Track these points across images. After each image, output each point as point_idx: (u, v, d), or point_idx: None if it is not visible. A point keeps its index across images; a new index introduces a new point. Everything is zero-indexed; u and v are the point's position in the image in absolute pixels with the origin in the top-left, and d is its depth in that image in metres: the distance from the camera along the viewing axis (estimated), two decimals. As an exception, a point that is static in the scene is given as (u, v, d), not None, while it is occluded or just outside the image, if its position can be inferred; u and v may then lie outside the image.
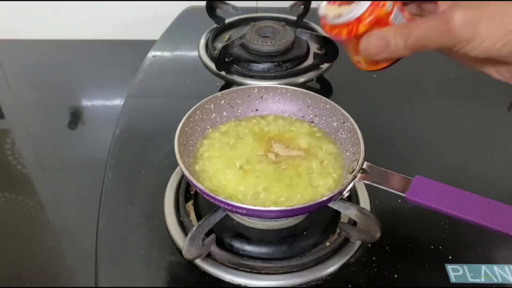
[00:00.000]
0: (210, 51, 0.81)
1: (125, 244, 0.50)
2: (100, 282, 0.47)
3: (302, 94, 0.57)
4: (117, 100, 0.88)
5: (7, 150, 0.77)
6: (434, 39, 0.37)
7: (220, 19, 0.86)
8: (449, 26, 0.36)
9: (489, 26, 0.35)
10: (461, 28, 0.35)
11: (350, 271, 0.48)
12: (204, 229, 0.46)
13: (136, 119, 0.69)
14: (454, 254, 0.49)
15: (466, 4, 0.36)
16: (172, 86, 0.77)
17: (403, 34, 0.37)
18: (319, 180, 0.49)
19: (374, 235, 0.46)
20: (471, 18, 0.35)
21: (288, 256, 0.49)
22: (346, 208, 0.48)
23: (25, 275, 0.58)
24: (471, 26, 0.35)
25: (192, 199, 0.55)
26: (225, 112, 0.57)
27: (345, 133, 0.53)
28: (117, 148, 0.63)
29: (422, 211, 0.47)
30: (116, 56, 1.02)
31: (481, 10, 0.35)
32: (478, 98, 0.73)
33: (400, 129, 0.68)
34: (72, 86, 0.93)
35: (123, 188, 0.57)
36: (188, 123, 0.52)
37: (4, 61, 1.00)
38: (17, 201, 0.68)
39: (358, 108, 0.54)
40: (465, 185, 0.45)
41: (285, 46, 0.78)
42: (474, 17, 0.35)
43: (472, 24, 0.35)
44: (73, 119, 0.85)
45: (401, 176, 0.46)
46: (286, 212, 0.44)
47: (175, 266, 0.48)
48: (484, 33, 0.36)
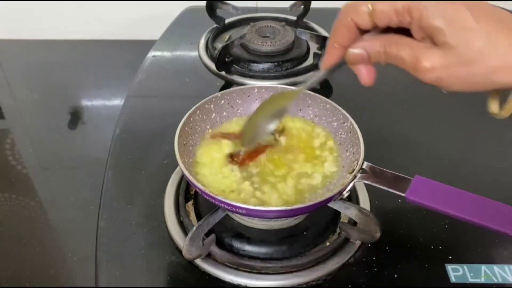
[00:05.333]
0: (210, 51, 0.81)
1: (125, 244, 0.50)
2: (100, 282, 0.47)
3: (302, 94, 0.57)
4: (117, 100, 0.88)
5: (7, 150, 0.77)
6: (406, 65, 0.37)
7: (220, 19, 0.86)
8: (417, 66, 0.36)
9: (454, 80, 0.36)
10: (427, 75, 0.36)
11: (350, 271, 0.48)
12: (204, 229, 0.46)
13: (136, 119, 0.69)
14: (454, 254, 0.49)
15: (441, 53, 0.35)
16: (172, 86, 0.77)
17: (385, 45, 0.37)
18: (318, 179, 0.50)
19: (374, 235, 0.46)
20: (438, 74, 0.35)
21: (288, 256, 0.49)
22: (346, 208, 0.48)
23: (25, 275, 0.58)
24: (436, 79, 0.36)
25: (192, 199, 0.55)
26: (225, 112, 0.57)
27: (345, 133, 0.53)
28: (117, 148, 0.63)
29: (422, 211, 0.47)
30: (116, 56, 1.02)
31: (453, 59, 0.35)
32: (478, 98, 0.72)
33: (400, 129, 0.68)
34: (72, 86, 0.93)
35: (123, 188, 0.57)
36: (188, 123, 0.52)
37: (4, 61, 1.00)
38: (17, 201, 0.68)
39: (358, 108, 0.54)
40: (465, 185, 0.45)
41: (285, 46, 0.78)
42: (442, 72, 0.35)
43: (437, 76, 0.35)
44: (73, 119, 0.85)
45: (401, 176, 0.46)
46: (286, 212, 0.44)
47: (175, 266, 0.48)
48: (448, 86, 0.36)
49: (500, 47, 0.34)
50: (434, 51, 0.35)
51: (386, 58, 0.38)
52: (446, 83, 0.36)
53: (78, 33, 1.03)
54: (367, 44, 0.38)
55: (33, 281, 0.58)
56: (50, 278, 0.58)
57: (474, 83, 0.36)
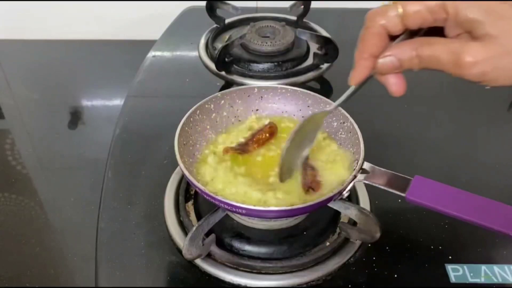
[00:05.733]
0: (210, 51, 0.81)
1: (125, 244, 0.50)
2: (100, 282, 0.47)
3: (302, 94, 0.57)
4: (117, 100, 0.88)
5: (7, 150, 0.77)
6: (444, 65, 0.35)
7: (220, 19, 0.86)
8: (459, 62, 0.34)
9: (500, 72, 0.34)
10: (470, 69, 0.34)
11: (350, 271, 0.48)
12: (204, 229, 0.46)
13: (136, 119, 0.69)
14: (454, 254, 0.49)
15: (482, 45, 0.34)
16: (172, 86, 0.77)
17: (416, 48, 0.36)
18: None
19: (374, 235, 0.46)
20: (483, 67, 0.34)
21: (288, 256, 0.49)
22: (346, 208, 0.48)
23: (25, 275, 0.58)
24: (481, 74, 0.34)
25: (192, 199, 0.55)
26: (225, 112, 0.57)
27: (345, 133, 0.53)
28: (117, 148, 0.63)
29: (422, 211, 0.47)
30: (116, 56, 1.02)
31: (497, 50, 0.33)
32: (478, 98, 0.73)
33: (400, 129, 0.68)
34: (72, 86, 0.93)
35: (123, 188, 0.57)
36: (188, 123, 0.52)
37: (4, 61, 1.00)
38: (17, 201, 0.68)
39: (358, 108, 0.54)
40: (465, 185, 0.45)
41: (285, 46, 0.78)
42: (487, 65, 0.34)
43: (482, 70, 0.34)
44: (73, 119, 0.85)
45: (401, 176, 0.46)
46: (286, 212, 0.44)
47: (175, 266, 0.48)
48: (493, 81, 0.35)
49: None
50: (475, 45, 0.34)
51: (420, 62, 0.36)
52: (491, 77, 0.34)
53: (78, 33, 1.03)
54: (397, 51, 0.36)
55: (33, 281, 0.58)
56: (50, 278, 0.58)
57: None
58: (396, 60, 0.36)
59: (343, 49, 0.75)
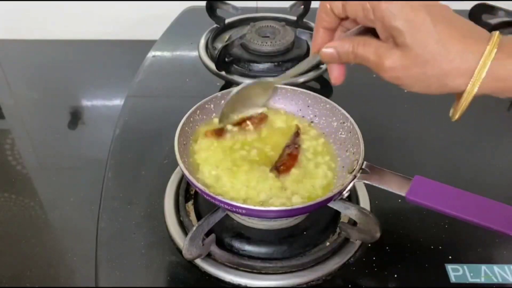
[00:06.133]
0: (210, 51, 0.81)
1: (125, 244, 0.50)
2: (100, 282, 0.47)
3: (302, 94, 0.57)
4: (117, 100, 0.88)
5: (7, 150, 0.77)
6: (370, 64, 0.39)
7: (220, 19, 0.86)
8: (379, 65, 0.38)
9: (412, 80, 0.37)
10: (388, 73, 0.38)
11: (350, 271, 0.48)
12: (204, 229, 0.46)
13: (136, 119, 0.69)
14: (454, 254, 0.49)
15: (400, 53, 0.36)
16: (172, 86, 0.77)
17: (353, 45, 0.39)
18: (316, 179, 0.50)
19: (374, 235, 0.46)
20: (397, 73, 0.37)
21: (288, 256, 0.49)
22: (346, 208, 0.48)
23: (25, 275, 0.58)
24: (395, 78, 0.38)
25: (192, 199, 0.55)
26: (225, 112, 0.57)
27: (345, 133, 0.53)
28: (117, 148, 0.63)
29: (422, 211, 0.47)
30: (116, 56, 1.02)
31: (410, 60, 0.36)
32: (478, 98, 0.73)
33: (400, 129, 0.68)
34: (72, 86, 0.93)
35: (123, 188, 0.57)
36: (188, 123, 0.52)
37: (4, 61, 1.00)
38: (17, 201, 0.68)
39: (358, 108, 0.54)
40: (465, 185, 0.45)
41: (285, 46, 0.78)
42: (401, 72, 0.37)
43: (396, 75, 0.37)
44: (73, 119, 0.85)
45: (401, 176, 0.46)
46: (286, 212, 0.44)
47: (175, 266, 0.48)
48: (409, 86, 0.38)
49: (453, 52, 0.35)
50: (395, 51, 0.37)
51: (355, 58, 0.40)
52: (405, 83, 0.38)
53: (78, 33, 1.03)
54: (338, 44, 0.41)
55: (33, 281, 0.58)
56: (50, 278, 0.58)
57: (429, 85, 0.37)
58: (335, 52, 0.41)
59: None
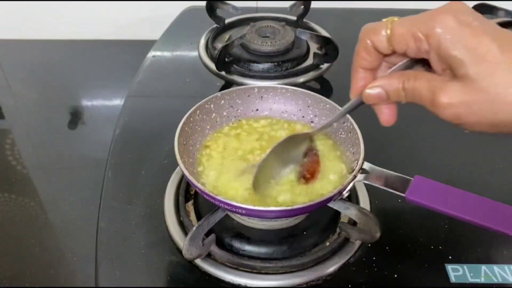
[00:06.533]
0: (210, 51, 0.81)
1: (125, 244, 0.50)
2: (100, 282, 0.47)
3: (302, 94, 0.57)
4: (117, 100, 0.88)
5: (7, 150, 0.77)
6: (423, 100, 0.34)
7: (220, 19, 0.86)
8: (434, 101, 0.32)
9: (476, 118, 0.32)
10: (444, 110, 0.32)
11: (350, 271, 0.48)
12: (204, 229, 0.46)
13: (136, 119, 0.69)
14: (454, 254, 0.49)
15: (461, 87, 0.31)
16: (172, 86, 0.77)
17: (403, 81, 0.35)
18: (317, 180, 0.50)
19: (374, 235, 0.46)
20: (457, 110, 0.32)
21: (288, 256, 0.49)
22: (346, 208, 0.48)
23: (25, 275, 0.58)
24: (455, 116, 0.32)
25: (192, 199, 0.55)
26: (225, 112, 0.57)
27: (345, 133, 0.53)
28: (117, 148, 0.63)
29: (422, 211, 0.47)
30: (116, 56, 1.02)
31: (474, 95, 0.31)
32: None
33: (400, 129, 0.68)
34: (72, 86, 0.93)
35: (123, 188, 0.57)
36: (188, 123, 0.52)
37: (4, 61, 1.00)
38: (17, 201, 0.68)
39: (358, 108, 0.54)
40: (465, 185, 0.45)
41: (285, 46, 0.78)
42: (462, 109, 0.32)
43: (456, 113, 0.32)
44: (73, 119, 0.85)
45: (401, 176, 0.46)
46: (286, 212, 0.44)
47: (175, 266, 0.48)
48: (469, 125, 0.33)
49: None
50: (453, 85, 0.31)
51: (406, 96, 0.35)
52: (466, 122, 0.32)
53: (78, 33, 1.03)
54: (385, 82, 0.36)
55: (33, 281, 0.58)
56: (50, 278, 0.58)
57: (498, 124, 0.32)
58: (384, 92, 0.36)
59: (343, 49, 0.75)
